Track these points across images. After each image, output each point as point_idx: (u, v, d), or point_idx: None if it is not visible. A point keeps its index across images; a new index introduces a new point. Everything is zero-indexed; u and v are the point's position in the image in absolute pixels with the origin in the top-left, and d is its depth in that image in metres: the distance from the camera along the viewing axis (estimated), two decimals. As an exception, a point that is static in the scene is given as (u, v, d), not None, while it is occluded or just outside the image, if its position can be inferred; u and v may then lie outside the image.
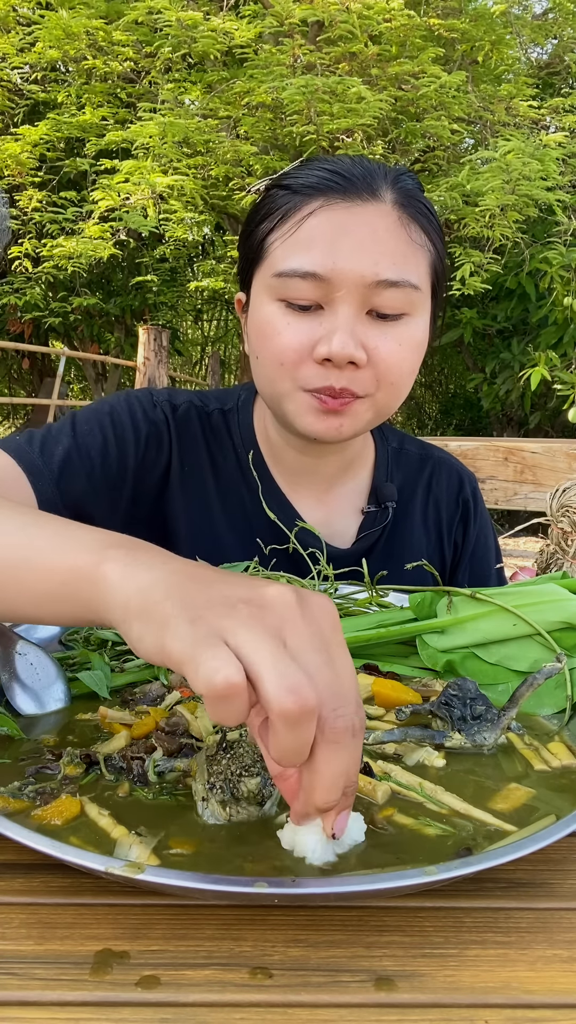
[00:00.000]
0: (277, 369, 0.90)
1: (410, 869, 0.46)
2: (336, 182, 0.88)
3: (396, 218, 0.89)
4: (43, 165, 7.69)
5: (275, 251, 0.90)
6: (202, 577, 0.48)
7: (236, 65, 7.25)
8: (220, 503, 1.04)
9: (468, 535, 1.16)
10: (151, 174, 6.46)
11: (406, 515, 1.11)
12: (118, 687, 0.75)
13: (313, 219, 0.88)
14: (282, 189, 0.91)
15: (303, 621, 0.44)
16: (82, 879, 0.51)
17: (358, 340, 0.87)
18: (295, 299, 0.88)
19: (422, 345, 0.94)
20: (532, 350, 7.78)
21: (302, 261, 0.87)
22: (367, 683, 0.73)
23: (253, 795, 0.54)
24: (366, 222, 0.87)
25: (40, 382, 11.01)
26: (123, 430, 0.99)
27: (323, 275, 0.86)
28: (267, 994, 0.42)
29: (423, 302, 0.92)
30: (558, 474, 2.73)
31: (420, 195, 0.93)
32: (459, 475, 1.17)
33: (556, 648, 0.74)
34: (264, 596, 0.45)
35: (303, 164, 0.93)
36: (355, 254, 0.86)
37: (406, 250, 0.89)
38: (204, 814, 0.54)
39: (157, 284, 9.22)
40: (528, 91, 7.01)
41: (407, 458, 1.15)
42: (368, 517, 1.08)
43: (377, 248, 0.87)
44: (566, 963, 0.46)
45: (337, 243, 0.86)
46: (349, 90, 5.87)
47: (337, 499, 1.08)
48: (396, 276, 0.87)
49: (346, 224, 0.87)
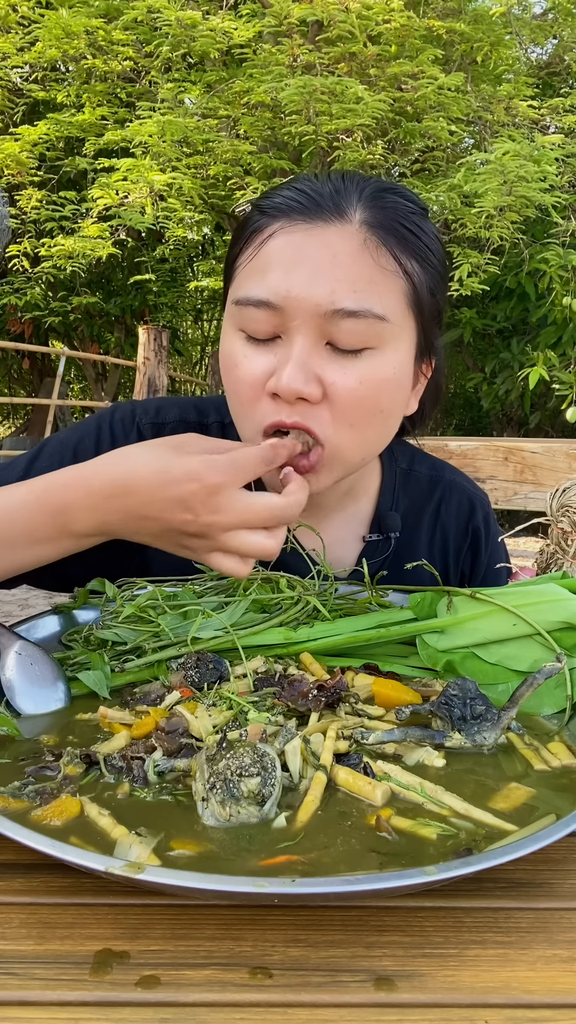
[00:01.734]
0: (239, 408, 0.85)
1: (410, 869, 0.46)
2: (300, 202, 0.81)
3: (361, 241, 0.80)
4: (42, 164, 7.70)
5: (238, 275, 0.85)
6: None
7: (235, 65, 7.25)
8: None
9: (477, 564, 1.11)
10: (149, 172, 6.46)
11: (411, 542, 1.06)
12: (118, 687, 0.75)
13: (272, 242, 0.81)
14: (255, 209, 0.87)
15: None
16: (82, 879, 0.51)
17: (311, 374, 0.79)
18: (252, 331, 0.82)
19: (394, 381, 0.84)
20: (531, 350, 7.78)
21: (257, 289, 0.80)
22: (367, 683, 0.73)
23: (253, 795, 0.54)
24: (326, 244, 0.80)
25: (40, 382, 11.01)
26: (86, 457, 0.92)
27: (276, 304, 0.79)
28: (267, 994, 0.42)
29: (394, 333, 0.82)
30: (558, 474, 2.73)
31: (406, 216, 0.84)
32: (470, 501, 1.10)
33: (556, 648, 0.74)
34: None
35: (282, 184, 0.88)
36: (310, 281, 0.78)
37: (371, 275, 0.80)
38: (204, 814, 0.54)
39: (157, 284, 9.22)
40: (527, 91, 7.01)
41: (416, 481, 1.08)
42: (369, 545, 1.03)
43: (335, 274, 0.79)
44: (566, 963, 0.46)
45: (293, 269, 0.79)
46: (348, 90, 5.88)
47: (335, 526, 1.02)
48: (355, 305, 0.78)
49: (304, 248, 0.80)
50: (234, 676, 0.74)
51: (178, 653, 0.78)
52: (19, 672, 0.72)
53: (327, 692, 0.67)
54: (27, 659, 0.73)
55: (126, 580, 0.92)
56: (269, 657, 0.79)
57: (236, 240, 0.88)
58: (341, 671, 0.74)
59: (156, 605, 0.84)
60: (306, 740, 0.61)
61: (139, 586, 0.91)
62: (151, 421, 1.00)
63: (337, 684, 0.69)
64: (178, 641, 0.79)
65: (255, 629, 0.81)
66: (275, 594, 0.86)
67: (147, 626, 0.81)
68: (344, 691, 0.69)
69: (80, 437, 0.98)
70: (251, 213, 0.87)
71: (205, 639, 0.79)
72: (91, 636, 0.82)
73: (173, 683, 0.74)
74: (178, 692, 0.70)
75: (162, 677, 0.76)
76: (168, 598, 0.85)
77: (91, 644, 0.82)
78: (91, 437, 0.98)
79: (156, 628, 0.81)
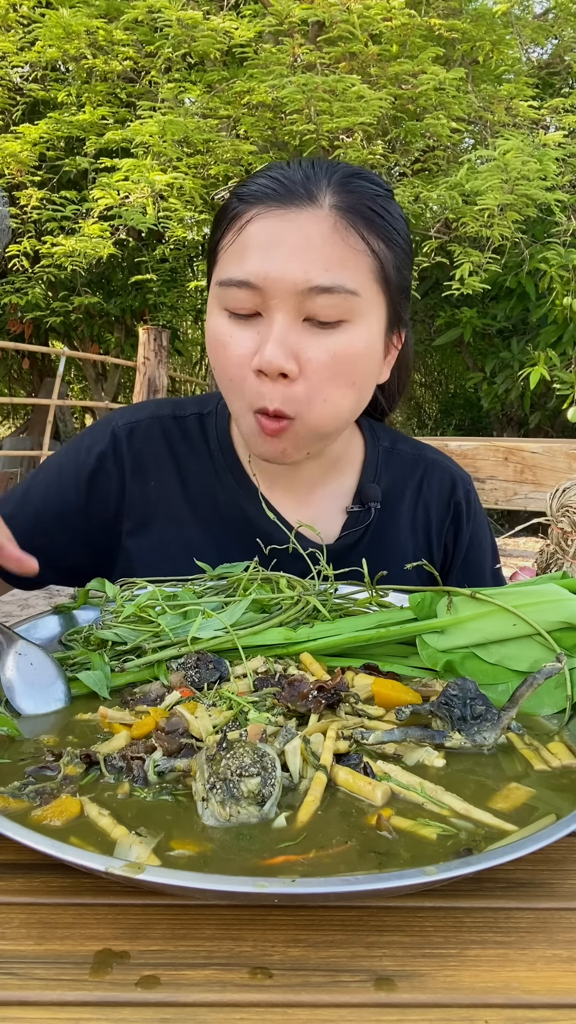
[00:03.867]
0: (228, 384, 0.91)
1: (410, 869, 0.46)
2: (273, 189, 0.88)
3: (332, 224, 0.87)
4: (43, 164, 7.69)
5: (220, 259, 0.92)
6: None
7: (236, 64, 7.25)
8: (191, 510, 1.05)
9: (460, 539, 1.14)
10: (150, 172, 6.46)
11: (393, 516, 1.10)
12: (118, 687, 0.75)
13: (250, 227, 0.88)
14: (234, 196, 0.93)
15: None
16: (82, 879, 0.51)
17: (289, 351, 0.86)
18: (235, 308, 0.89)
19: (366, 353, 0.91)
20: (532, 349, 7.78)
21: (237, 271, 0.88)
22: (367, 683, 0.73)
23: (253, 795, 0.54)
24: (299, 228, 0.86)
25: (40, 382, 11.01)
26: (66, 471, 1.06)
27: (256, 283, 0.86)
28: (267, 994, 0.42)
29: (365, 307, 0.89)
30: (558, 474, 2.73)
31: (372, 199, 0.91)
32: (452, 478, 1.14)
33: (556, 648, 0.74)
34: None
35: (256, 173, 0.94)
36: (286, 261, 0.85)
37: (342, 254, 0.87)
38: (204, 814, 0.54)
39: (157, 284, 9.21)
40: (528, 91, 7.00)
41: (398, 458, 1.13)
42: (352, 517, 1.07)
43: (309, 255, 0.86)
44: (566, 963, 0.46)
45: (270, 251, 0.86)
46: (349, 89, 5.87)
47: (320, 500, 1.07)
48: (328, 282, 0.86)
49: (279, 232, 0.87)
50: (234, 676, 0.74)
51: (178, 653, 0.78)
52: (19, 672, 0.72)
53: (327, 693, 0.67)
54: (27, 659, 0.73)
55: (126, 580, 0.93)
56: (269, 657, 0.79)
57: (217, 225, 0.95)
58: (341, 671, 0.74)
59: (156, 605, 0.84)
60: (306, 740, 0.61)
61: (139, 586, 0.91)
62: (128, 421, 1.08)
63: (337, 685, 0.69)
64: (178, 641, 0.79)
65: (255, 629, 0.81)
66: (275, 594, 0.86)
67: (147, 626, 0.82)
68: (344, 691, 0.69)
69: (66, 452, 1.09)
70: (230, 200, 0.93)
71: (205, 639, 0.79)
72: (91, 636, 0.82)
73: (173, 683, 0.74)
74: (178, 692, 0.70)
75: (162, 677, 0.76)
76: (168, 598, 0.85)
77: (91, 644, 0.82)
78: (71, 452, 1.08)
79: (156, 628, 0.81)
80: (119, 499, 1.05)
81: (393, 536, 1.09)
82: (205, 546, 1.03)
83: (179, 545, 1.03)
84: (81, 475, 1.04)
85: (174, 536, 1.04)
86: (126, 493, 1.05)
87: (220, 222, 0.94)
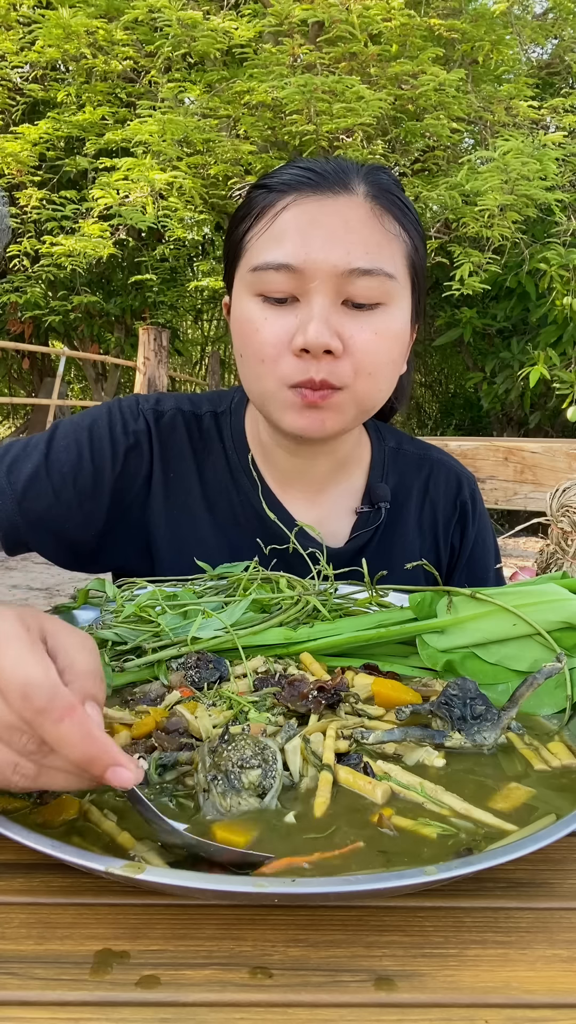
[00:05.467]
0: (259, 367, 0.91)
1: (410, 869, 0.46)
2: (308, 178, 0.89)
3: (368, 209, 0.89)
4: (43, 164, 7.69)
5: (251, 247, 0.92)
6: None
7: (236, 64, 7.25)
8: (207, 508, 1.04)
9: (465, 538, 1.14)
10: (150, 171, 6.46)
11: (400, 516, 1.10)
12: (118, 687, 0.75)
13: (286, 213, 0.89)
14: (260, 189, 0.93)
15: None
16: (82, 879, 0.51)
17: (333, 329, 0.87)
18: (271, 292, 0.89)
19: (401, 336, 0.93)
20: (532, 349, 7.78)
21: (276, 254, 0.88)
22: (367, 683, 0.73)
23: (253, 787, 0.54)
24: (337, 212, 0.88)
25: (40, 382, 11.01)
26: (101, 443, 1.01)
27: (296, 266, 0.87)
28: (267, 994, 0.42)
29: (400, 292, 0.91)
30: (558, 474, 2.73)
31: (396, 189, 0.93)
32: (457, 477, 1.15)
33: (556, 648, 0.74)
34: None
35: (281, 167, 0.95)
36: (327, 244, 0.86)
37: (380, 239, 0.89)
38: (205, 806, 0.54)
39: (157, 284, 9.22)
40: (528, 91, 7.00)
41: (404, 458, 1.13)
42: (361, 517, 1.07)
43: (349, 237, 0.87)
44: (566, 963, 0.46)
45: (309, 234, 0.87)
46: (349, 89, 5.87)
47: (330, 500, 1.07)
48: (369, 264, 0.87)
49: (318, 216, 0.88)
50: (234, 676, 0.74)
51: (178, 653, 0.78)
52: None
53: (327, 693, 0.67)
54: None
55: (126, 580, 0.93)
56: (269, 657, 0.79)
57: (242, 219, 0.94)
58: (341, 671, 0.74)
59: (156, 605, 0.84)
60: (306, 740, 0.61)
61: (139, 586, 0.91)
62: (152, 407, 1.06)
63: (337, 685, 0.69)
64: (178, 641, 0.79)
65: (255, 629, 0.81)
66: (275, 594, 0.86)
67: (147, 626, 0.81)
68: (344, 691, 0.69)
69: (93, 419, 1.04)
70: (254, 194, 0.94)
71: (205, 639, 0.79)
72: (91, 636, 0.82)
73: (173, 683, 0.74)
74: (178, 692, 0.70)
75: (162, 677, 0.76)
76: (168, 598, 0.85)
77: (91, 644, 0.82)
78: (104, 419, 1.03)
79: (156, 628, 0.81)
80: (146, 481, 1.04)
81: (401, 536, 1.10)
82: (218, 544, 1.03)
83: (192, 541, 1.03)
84: (118, 448, 1.01)
85: (188, 531, 1.04)
86: (152, 476, 1.04)
87: (245, 216, 0.94)
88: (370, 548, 1.07)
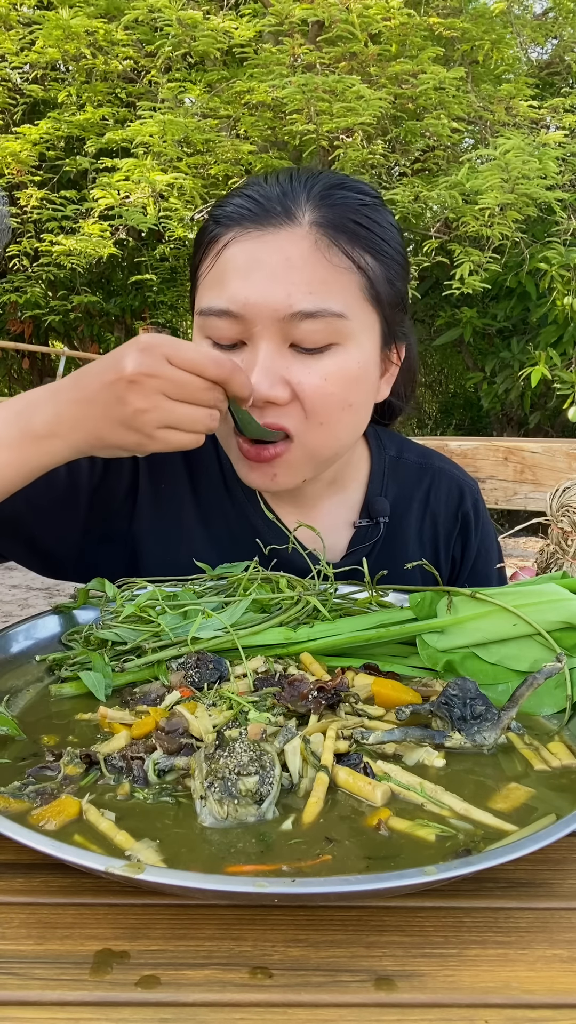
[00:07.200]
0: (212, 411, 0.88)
1: (410, 869, 0.46)
2: (249, 209, 0.84)
3: (312, 242, 0.83)
4: (43, 164, 7.69)
5: (201, 285, 0.89)
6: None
7: (236, 64, 7.25)
8: (200, 518, 1.01)
9: (467, 550, 1.11)
10: (151, 172, 6.46)
11: (400, 528, 1.07)
12: (118, 687, 0.75)
13: (227, 251, 0.85)
14: (210, 218, 0.90)
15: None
16: (82, 879, 0.51)
17: (277, 377, 0.83)
18: (218, 339, 0.86)
19: (359, 377, 0.87)
20: (532, 349, 7.78)
21: (218, 300, 0.84)
22: (367, 683, 0.73)
23: (251, 794, 0.54)
24: (279, 248, 0.82)
25: (40, 382, 11.01)
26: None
27: (236, 312, 0.83)
28: (267, 994, 0.42)
29: (354, 329, 0.85)
30: (558, 474, 2.73)
31: (356, 211, 0.86)
32: (460, 487, 1.11)
33: (556, 648, 0.74)
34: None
35: (233, 191, 0.91)
36: (268, 286, 0.82)
37: (325, 275, 0.83)
38: (202, 813, 0.54)
39: (157, 284, 9.21)
40: (528, 91, 7.00)
41: (405, 468, 1.10)
42: (360, 531, 1.04)
43: (291, 277, 0.82)
44: (566, 963, 0.46)
45: (250, 276, 0.82)
46: (349, 89, 5.87)
47: (325, 514, 1.04)
48: (312, 306, 0.81)
49: (258, 254, 0.83)
50: (234, 676, 0.74)
51: (178, 653, 0.78)
52: None
53: (327, 693, 0.67)
54: None
55: (126, 580, 0.92)
56: (269, 657, 0.79)
57: (196, 249, 0.91)
58: (341, 671, 0.74)
59: (156, 605, 0.84)
60: (306, 740, 0.61)
61: (139, 586, 0.91)
62: None
63: (337, 685, 0.69)
64: (178, 641, 0.79)
65: (255, 629, 0.81)
66: (275, 594, 0.86)
67: (147, 626, 0.81)
68: (344, 691, 0.69)
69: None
70: (207, 222, 0.90)
71: (205, 639, 0.79)
72: (91, 636, 0.82)
73: (173, 683, 0.74)
74: (178, 692, 0.70)
75: (162, 677, 0.76)
76: (168, 598, 0.85)
77: (91, 644, 0.82)
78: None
79: (156, 628, 0.81)
80: (129, 493, 1.00)
81: (401, 548, 1.06)
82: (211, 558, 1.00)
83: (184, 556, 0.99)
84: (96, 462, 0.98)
85: (179, 546, 1.01)
86: (138, 488, 1.00)
87: (199, 245, 0.90)
88: (369, 561, 1.05)
